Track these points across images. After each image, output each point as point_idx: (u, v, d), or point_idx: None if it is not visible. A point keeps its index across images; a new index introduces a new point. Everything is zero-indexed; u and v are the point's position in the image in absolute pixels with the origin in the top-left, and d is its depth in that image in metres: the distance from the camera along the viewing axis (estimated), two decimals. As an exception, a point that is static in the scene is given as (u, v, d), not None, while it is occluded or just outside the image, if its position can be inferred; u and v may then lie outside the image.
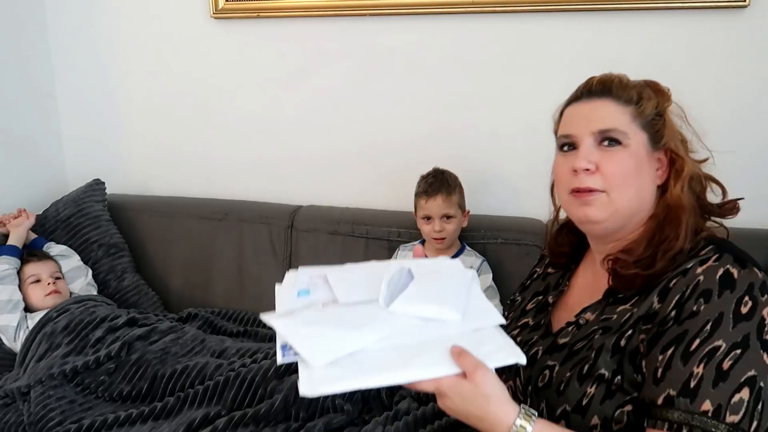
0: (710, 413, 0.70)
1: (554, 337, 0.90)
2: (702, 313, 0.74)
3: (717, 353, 0.71)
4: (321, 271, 0.93)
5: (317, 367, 0.71)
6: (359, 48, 1.89)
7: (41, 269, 1.77)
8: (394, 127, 1.91)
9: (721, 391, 0.70)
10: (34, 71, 2.13)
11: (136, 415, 1.33)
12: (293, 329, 0.76)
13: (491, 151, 1.85)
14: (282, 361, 0.74)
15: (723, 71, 1.64)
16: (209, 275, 1.97)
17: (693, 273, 0.77)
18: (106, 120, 2.20)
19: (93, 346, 1.54)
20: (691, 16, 1.62)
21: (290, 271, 0.97)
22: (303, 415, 1.29)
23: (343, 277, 0.90)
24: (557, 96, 1.00)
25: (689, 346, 0.73)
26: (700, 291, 0.75)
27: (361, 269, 0.92)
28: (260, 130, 2.05)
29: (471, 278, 0.86)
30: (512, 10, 1.72)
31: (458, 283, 0.85)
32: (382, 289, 0.81)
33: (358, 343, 0.74)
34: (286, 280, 0.95)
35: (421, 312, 0.78)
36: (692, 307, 0.74)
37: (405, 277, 0.85)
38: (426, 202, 1.62)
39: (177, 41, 2.06)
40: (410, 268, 0.86)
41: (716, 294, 0.74)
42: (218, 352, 1.54)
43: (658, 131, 0.86)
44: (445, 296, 0.81)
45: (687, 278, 0.77)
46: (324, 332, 0.76)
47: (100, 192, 2.06)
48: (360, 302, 0.82)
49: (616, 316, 0.83)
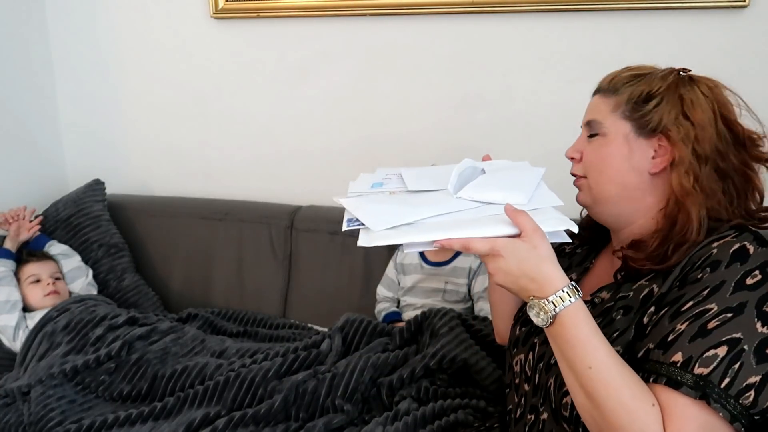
0: (679, 364, 0.69)
1: None
2: (703, 280, 0.73)
3: (706, 314, 0.71)
4: (397, 169, 0.96)
5: (376, 230, 0.74)
6: (359, 48, 1.89)
7: (41, 269, 1.77)
8: (394, 127, 1.91)
9: (696, 345, 0.70)
10: (34, 71, 2.13)
11: (136, 415, 1.33)
12: (360, 205, 0.80)
13: (491, 151, 1.83)
14: (346, 228, 0.78)
15: (723, 71, 1.63)
16: (209, 275, 1.97)
17: (708, 247, 0.77)
18: (106, 120, 2.20)
19: (93, 345, 1.54)
20: (691, 16, 1.62)
21: (364, 173, 1.00)
22: (303, 416, 1.29)
23: (417, 172, 0.94)
24: (557, 96, 1.00)
25: (681, 307, 0.73)
26: (710, 261, 0.75)
27: (436, 169, 0.96)
28: (260, 130, 2.05)
29: (540, 172, 0.90)
30: (512, 10, 1.72)
31: (527, 174, 0.88)
32: (452, 178, 0.84)
33: (417, 216, 0.76)
34: (361, 178, 0.98)
35: (488, 197, 0.81)
36: (697, 275, 0.75)
37: (476, 172, 0.88)
38: None
39: (177, 41, 2.06)
40: (484, 167, 0.90)
41: (724, 264, 0.74)
42: (218, 352, 1.54)
43: (644, 117, 0.86)
44: (511, 184, 0.84)
45: (701, 251, 0.77)
46: (388, 208, 0.79)
47: (100, 192, 2.06)
48: (428, 190, 0.85)
49: (633, 293, 0.82)
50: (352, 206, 0.81)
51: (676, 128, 0.84)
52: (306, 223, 1.91)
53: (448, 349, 1.34)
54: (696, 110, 0.84)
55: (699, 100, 0.85)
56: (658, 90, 0.87)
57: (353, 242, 1.81)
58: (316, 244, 1.88)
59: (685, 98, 0.85)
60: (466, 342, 1.37)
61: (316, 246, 1.88)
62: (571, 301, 0.72)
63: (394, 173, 0.96)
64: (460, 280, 1.66)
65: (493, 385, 1.32)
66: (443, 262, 1.68)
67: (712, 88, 0.87)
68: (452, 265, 1.68)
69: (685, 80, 0.88)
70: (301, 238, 1.90)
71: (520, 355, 0.96)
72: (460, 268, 1.67)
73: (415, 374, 1.32)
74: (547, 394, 0.87)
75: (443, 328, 1.39)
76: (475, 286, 1.65)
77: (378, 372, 1.33)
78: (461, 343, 1.36)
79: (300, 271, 1.90)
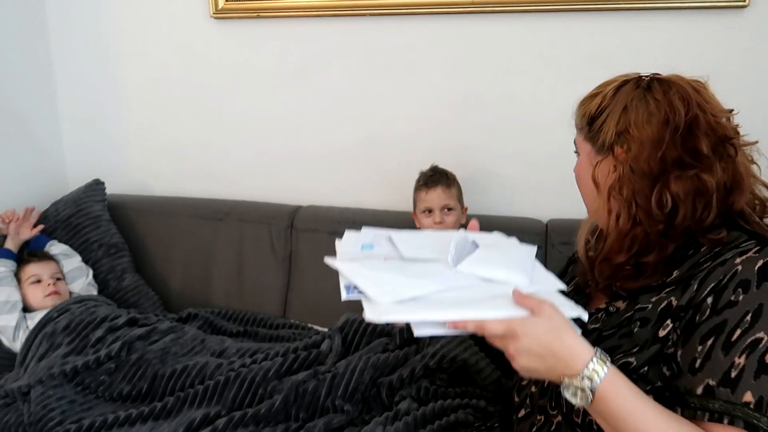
0: (752, 405, 0.68)
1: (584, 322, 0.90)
2: (741, 303, 0.71)
3: (759, 345, 0.69)
4: (384, 231, 0.94)
5: (382, 303, 0.71)
6: (359, 48, 1.89)
7: (42, 270, 1.77)
8: (394, 127, 1.92)
9: (763, 383, 0.68)
10: (34, 71, 2.13)
11: (136, 415, 1.33)
12: (358, 271, 0.77)
13: (491, 151, 1.85)
14: (346, 298, 0.75)
15: (723, 71, 1.64)
16: (209, 275, 1.97)
17: (732, 263, 0.74)
18: (106, 120, 2.20)
19: (93, 346, 1.54)
20: (691, 16, 1.62)
21: (349, 230, 0.97)
22: (303, 416, 1.29)
23: (407, 238, 0.91)
24: (557, 96, 1.01)
25: (730, 336, 0.70)
26: (738, 281, 0.72)
27: (425, 234, 0.95)
28: (260, 130, 2.05)
29: (533, 251, 0.89)
30: (512, 10, 1.72)
31: (521, 252, 0.88)
32: (451, 249, 0.82)
33: (422, 290, 0.74)
34: (346, 236, 0.95)
35: (490, 274, 0.79)
36: (730, 296, 0.72)
37: (470, 245, 0.86)
38: (426, 193, 1.63)
39: (177, 41, 2.06)
40: (474, 239, 0.88)
41: (755, 284, 0.72)
42: (218, 352, 1.54)
43: (596, 137, 0.85)
44: (511, 262, 0.82)
45: (725, 267, 0.74)
46: (389, 277, 0.76)
47: (99, 192, 2.06)
48: (424, 259, 0.83)
49: (652, 305, 0.80)
50: (349, 272, 0.77)
51: (618, 145, 0.82)
52: (306, 223, 1.91)
53: (447, 349, 1.34)
54: (638, 122, 0.81)
55: (644, 110, 0.81)
56: (604, 106, 0.85)
57: (353, 242, 1.83)
58: (316, 244, 1.87)
59: (629, 110, 0.82)
60: (465, 342, 1.37)
61: (316, 246, 1.87)
62: (605, 370, 0.69)
63: (381, 235, 0.93)
64: None
65: (492, 386, 1.32)
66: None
67: (667, 91, 0.82)
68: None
69: (642, 87, 0.84)
70: (301, 238, 1.90)
71: None
72: None
73: (415, 374, 1.32)
74: (557, 397, 0.86)
75: (444, 328, 1.39)
76: None
77: (378, 372, 1.33)
78: (461, 343, 1.36)
79: (300, 271, 1.89)
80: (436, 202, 1.62)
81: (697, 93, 0.82)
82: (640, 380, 0.76)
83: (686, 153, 0.79)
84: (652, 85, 0.84)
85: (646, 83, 0.84)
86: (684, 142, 0.79)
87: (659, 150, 0.79)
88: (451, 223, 1.63)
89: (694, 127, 0.79)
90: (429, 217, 1.64)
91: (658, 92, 0.82)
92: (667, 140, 0.79)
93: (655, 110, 0.81)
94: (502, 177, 1.85)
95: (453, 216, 1.64)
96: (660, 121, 0.80)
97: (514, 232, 1.69)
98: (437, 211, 1.62)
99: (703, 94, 0.83)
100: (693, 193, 0.79)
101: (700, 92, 0.83)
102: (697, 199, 0.79)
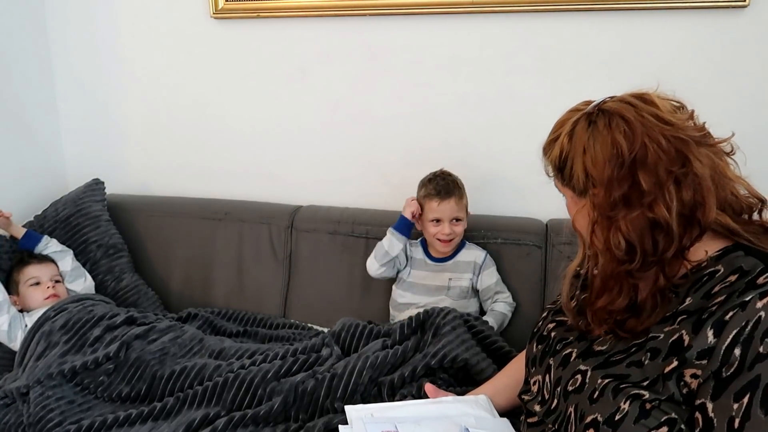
0: None
1: (591, 342, 0.87)
2: None
3: None
4: (389, 417, 0.99)
5: None
6: (359, 48, 1.89)
7: (41, 272, 1.76)
8: (394, 127, 1.91)
9: None
10: (33, 71, 2.13)
11: (136, 416, 1.33)
12: None
13: (491, 151, 1.85)
14: None
15: (723, 71, 1.64)
16: (209, 275, 1.97)
17: (753, 307, 0.70)
18: (106, 120, 2.20)
19: (91, 345, 1.53)
20: (691, 16, 1.62)
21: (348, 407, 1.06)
22: (302, 417, 1.28)
23: (413, 420, 0.97)
24: (557, 96, 1.00)
25: (767, 394, 0.68)
26: (765, 329, 0.69)
27: (429, 417, 0.99)
28: (260, 130, 2.05)
29: None
30: (512, 10, 1.72)
31: None
32: None
33: None
34: (354, 425, 1.01)
35: None
36: (758, 348, 0.69)
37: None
38: (438, 204, 1.62)
39: (177, 41, 2.06)
40: (468, 426, 0.95)
41: None
42: (217, 352, 1.53)
43: (571, 183, 0.85)
44: None
45: (746, 312, 0.71)
46: None
47: (99, 192, 2.06)
48: None
49: (664, 336, 0.78)
50: None
51: (592, 186, 0.81)
52: (306, 223, 1.91)
53: (449, 348, 1.34)
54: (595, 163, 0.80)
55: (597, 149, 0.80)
56: (566, 153, 0.84)
57: (353, 242, 1.84)
58: (316, 244, 1.88)
59: (587, 151, 0.81)
60: (467, 342, 1.37)
61: (316, 246, 1.88)
62: None
63: (387, 421, 0.96)
64: (464, 274, 1.67)
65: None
66: (446, 257, 1.70)
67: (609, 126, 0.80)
68: (455, 260, 1.69)
69: (594, 119, 0.82)
70: (301, 238, 1.90)
71: (537, 376, 0.94)
72: (464, 262, 1.69)
73: (416, 373, 1.32)
74: (566, 422, 0.85)
75: (446, 327, 1.39)
76: (481, 281, 1.67)
77: (377, 372, 1.33)
78: (463, 342, 1.36)
79: (300, 271, 1.89)
80: (447, 214, 1.62)
81: (641, 114, 0.79)
82: (654, 410, 0.74)
83: (631, 189, 0.78)
84: (598, 120, 0.82)
85: (594, 119, 0.83)
86: (628, 178, 0.78)
87: (611, 190, 0.79)
88: (459, 233, 1.65)
89: (639, 160, 0.77)
90: (437, 227, 1.64)
91: (605, 128, 0.80)
92: (614, 179, 0.78)
93: (601, 149, 0.79)
94: (502, 177, 1.85)
95: (461, 226, 1.65)
96: (606, 159, 0.79)
97: (514, 232, 1.73)
98: (446, 222, 1.62)
99: (652, 106, 0.81)
100: (649, 227, 0.77)
101: (648, 105, 0.81)
102: (655, 232, 0.77)
